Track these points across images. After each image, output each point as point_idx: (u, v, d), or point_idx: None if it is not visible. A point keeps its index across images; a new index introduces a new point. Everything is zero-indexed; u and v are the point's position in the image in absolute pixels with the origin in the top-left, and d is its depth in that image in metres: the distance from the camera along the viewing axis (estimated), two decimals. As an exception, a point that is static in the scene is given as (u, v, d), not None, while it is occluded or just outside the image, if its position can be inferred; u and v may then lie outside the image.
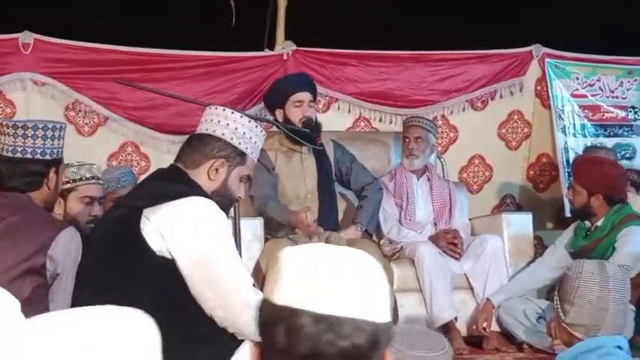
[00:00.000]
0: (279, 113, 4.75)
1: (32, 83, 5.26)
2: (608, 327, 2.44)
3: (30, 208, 2.81)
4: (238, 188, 2.79)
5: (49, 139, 2.84)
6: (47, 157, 2.85)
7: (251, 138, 2.76)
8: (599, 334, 2.43)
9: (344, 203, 5.17)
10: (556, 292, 2.59)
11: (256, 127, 2.80)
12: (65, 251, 2.67)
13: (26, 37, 5.23)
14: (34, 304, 2.55)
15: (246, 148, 2.75)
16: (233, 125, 2.73)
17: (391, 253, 4.99)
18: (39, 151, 2.83)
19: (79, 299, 2.61)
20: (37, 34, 5.26)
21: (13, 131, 2.83)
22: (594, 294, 2.45)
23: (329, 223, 4.81)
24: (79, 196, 3.45)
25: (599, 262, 2.59)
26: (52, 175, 2.87)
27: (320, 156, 4.84)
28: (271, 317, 1.25)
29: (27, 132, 2.82)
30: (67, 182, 3.37)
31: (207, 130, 2.75)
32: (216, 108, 2.81)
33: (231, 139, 2.72)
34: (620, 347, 2.38)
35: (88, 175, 3.48)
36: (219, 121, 2.74)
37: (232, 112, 2.76)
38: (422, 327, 4.26)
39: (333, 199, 4.90)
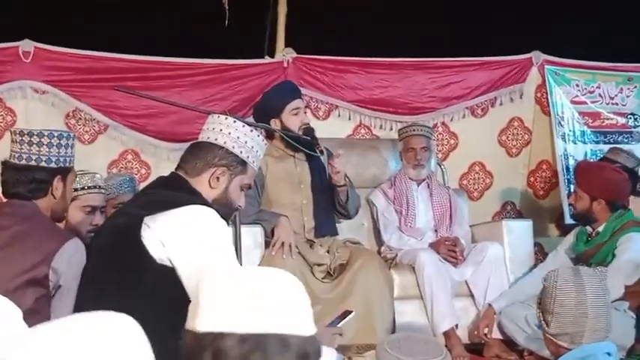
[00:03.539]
0: (274, 122, 4.74)
1: (32, 91, 5.27)
2: (592, 332, 2.44)
3: (35, 217, 2.79)
4: (239, 197, 2.78)
5: (54, 147, 2.83)
6: (52, 164, 2.83)
7: (252, 147, 2.76)
8: (584, 341, 2.43)
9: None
10: (537, 304, 2.60)
11: (258, 136, 2.80)
12: (68, 263, 2.65)
13: (26, 45, 5.24)
14: (36, 314, 2.53)
15: (248, 157, 2.75)
16: (235, 134, 2.73)
17: (390, 259, 4.99)
18: (44, 159, 2.82)
19: (81, 308, 2.61)
20: (38, 43, 5.27)
21: (20, 138, 2.82)
22: (572, 301, 2.47)
23: (327, 228, 4.81)
24: (80, 205, 3.45)
25: (573, 268, 2.60)
26: (56, 183, 2.85)
27: (314, 162, 4.83)
28: (195, 346, 1.24)
29: (32, 139, 2.81)
30: None
31: (209, 138, 2.75)
32: (219, 116, 2.80)
33: (233, 147, 2.72)
34: (609, 354, 2.39)
35: (89, 184, 3.48)
36: (221, 130, 2.74)
37: (234, 121, 2.76)
38: (420, 334, 4.27)
39: (329, 205, 4.89)
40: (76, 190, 3.39)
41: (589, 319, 2.44)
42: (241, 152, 2.73)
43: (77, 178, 3.39)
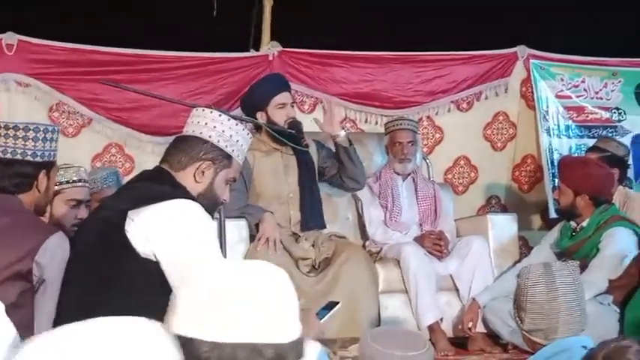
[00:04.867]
0: (260, 115, 4.73)
1: (16, 84, 5.23)
2: (565, 326, 2.45)
3: (19, 211, 2.77)
4: (224, 191, 2.77)
5: (39, 141, 2.81)
6: (37, 159, 2.81)
7: (237, 141, 2.75)
8: (558, 336, 2.43)
9: (329, 203, 5.15)
10: (513, 302, 2.61)
11: (243, 129, 2.79)
12: (52, 257, 2.64)
13: (10, 38, 5.20)
14: (20, 309, 2.52)
15: (233, 150, 2.74)
16: (220, 128, 2.72)
17: (374, 253, 4.99)
18: (29, 153, 2.80)
19: (64, 302, 2.60)
20: (21, 35, 5.23)
21: (5, 132, 2.80)
22: (543, 297, 2.48)
23: (313, 221, 4.80)
24: (65, 199, 3.43)
25: (544, 264, 2.61)
26: (42, 177, 2.83)
27: (302, 155, 4.82)
28: None
29: (17, 133, 2.79)
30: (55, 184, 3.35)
31: (193, 132, 2.74)
32: (203, 110, 2.79)
33: (218, 141, 2.71)
34: (584, 347, 2.39)
35: (74, 178, 3.47)
36: (206, 123, 2.72)
37: (220, 115, 2.75)
38: (403, 327, 4.28)
39: (316, 198, 4.88)
40: (60, 183, 3.38)
41: (561, 315, 2.45)
42: (226, 146, 2.72)
43: (62, 172, 3.37)
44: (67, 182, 3.45)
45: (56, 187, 3.35)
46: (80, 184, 3.51)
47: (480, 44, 6.00)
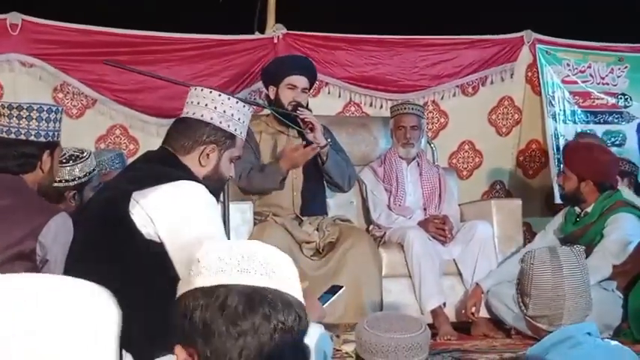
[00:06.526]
0: (271, 90, 4.76)
1: (20, 65, 5.24)
2: (571, 313, 2.40)
3: (22, 191, 2.77)
4: (229, 169, 2.77)
5: (43, 121, 2.81)
6: (42, 139, 2.81)
7: (239, 119, 2.73)
8: (563, 322, 2.40)
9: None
10: (516, 287, 2.57)
11: (243, 106, 2.76)
12: (55, 237, 2.64)
13: (14, 17, 5.20)
14: (24, 289, 2.53)
15: (235, 129, 2.72)
16: (220, 108, 2.69)
17: (378, 237, 4.99)
18: (33, 133, 2.80)
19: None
20: (25, 15, 5.23)
21: (8, 112, 2.79)
22: (548, 283, 2.41)
23: (315, 206, 4.80)
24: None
25: (550, 248, 2.54)
26: (46, 157, 2.84)
27: (307, 139, 4.81)
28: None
29: (22, 113, 2.79)
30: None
31: (194, 114, 2.71)
32: (202, 90, 2.76)
33: (220, 122, 2.68)
34: (589, 333, 2.37)
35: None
36: (206, 104, 2.70)
37: (219, 95, 2.72)
38: (399, 312, 4.28)
39: (320, 183, 4.87)
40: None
41: (567, 301, 2.41)
42: (229, 126, 2.70)
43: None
44: (101, 170, 3.51)
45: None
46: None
47: (486, 28, 5.97)
